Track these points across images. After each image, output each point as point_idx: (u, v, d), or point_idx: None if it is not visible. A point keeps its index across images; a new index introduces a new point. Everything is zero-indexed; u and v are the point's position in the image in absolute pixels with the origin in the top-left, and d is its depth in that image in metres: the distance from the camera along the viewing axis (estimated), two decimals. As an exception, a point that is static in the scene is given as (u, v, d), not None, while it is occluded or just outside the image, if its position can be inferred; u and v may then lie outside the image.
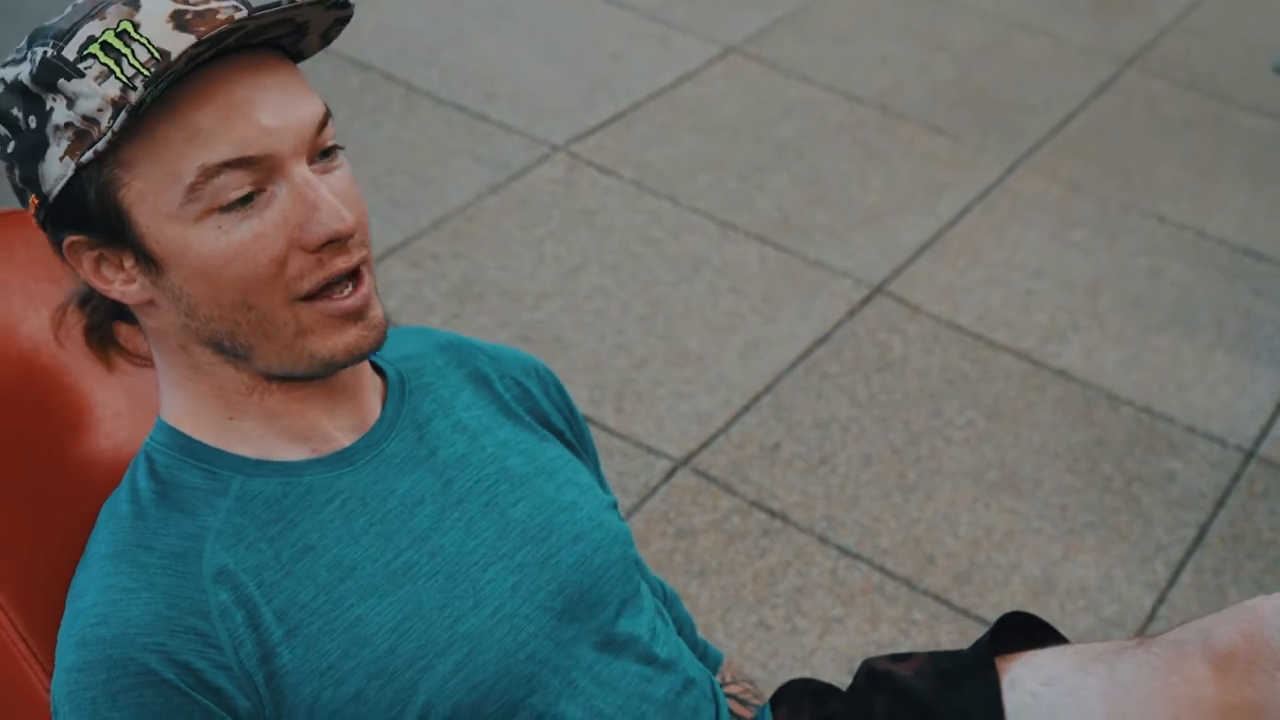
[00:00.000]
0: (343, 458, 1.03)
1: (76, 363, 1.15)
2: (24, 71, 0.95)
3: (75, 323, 1.04)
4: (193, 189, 0.92)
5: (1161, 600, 2.11)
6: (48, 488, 1.12)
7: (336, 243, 0.96)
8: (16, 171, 0.97)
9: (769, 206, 2.83)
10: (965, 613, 2.04)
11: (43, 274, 1.15)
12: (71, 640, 0.95)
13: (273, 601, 0.96)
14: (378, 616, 0.97)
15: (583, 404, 2.28)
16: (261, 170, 0.94)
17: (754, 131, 3.07)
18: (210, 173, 0.92)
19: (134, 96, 0.90)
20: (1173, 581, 2.15)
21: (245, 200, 0.94)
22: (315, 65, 3.23)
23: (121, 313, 1.03)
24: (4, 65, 0.97)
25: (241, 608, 0.95)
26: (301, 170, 0.95)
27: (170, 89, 0.92)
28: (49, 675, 1.04)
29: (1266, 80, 3.53)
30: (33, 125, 0.95)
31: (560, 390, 1.20)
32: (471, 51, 3.16)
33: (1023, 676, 1.13)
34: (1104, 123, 3.31)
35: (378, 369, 1.11)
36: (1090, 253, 2.86)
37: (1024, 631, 1.22)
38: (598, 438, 2.22)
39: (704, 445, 2.25)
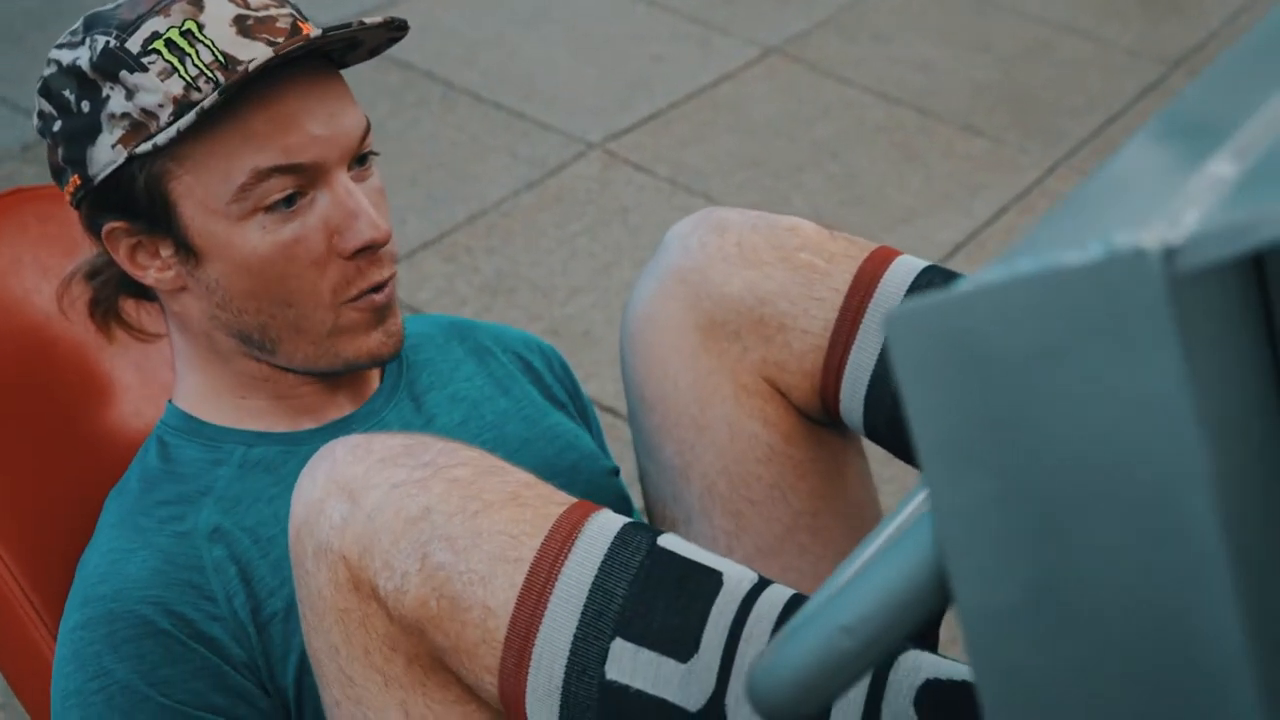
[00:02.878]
0: (342, 425, 1.07)
1: (89, 336, 1.19)
2: (82, 57, 0.97)
3: (80, 295, 1.07)
4: (243, 189, 0.96)
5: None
6: (56, 460, 1.15)
7: (370, 250, 1.00)
8: (60, 151, 1.00)
9: (803, 205, 2.84)
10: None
11: (57, 249, 1.19)
12: (76, 600, 0.98)
13: (269, 555, 0.99)
14: None
15: (609, 397, 2.30)
16: (306, 176, 0.97)
17: (791, 131, 3.08)
18: (261, 175, 0.96)
19: (200, 97, 0.94)
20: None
21: (288, 202, 0.97)
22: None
23: (130, 289, 1.06)
24: (58, 47, 1.00)
25: (235, 563, 0.98)
26: (343, 178, 0.99)
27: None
28: (54, 636, 1.07)
29: (1315, 84, 3.50)
30: (85, 110, 0.98)
31: (564, 367, 1.23)
32: (512, 51, 3.19)
33: None
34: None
35: None
36: (1128, 254, 2.84)
37: None
38: (623, 431, 2.24)
39: (729, 439, 2.26)
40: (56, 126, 0.99)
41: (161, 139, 0.94)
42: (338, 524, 0.84)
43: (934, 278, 1.05)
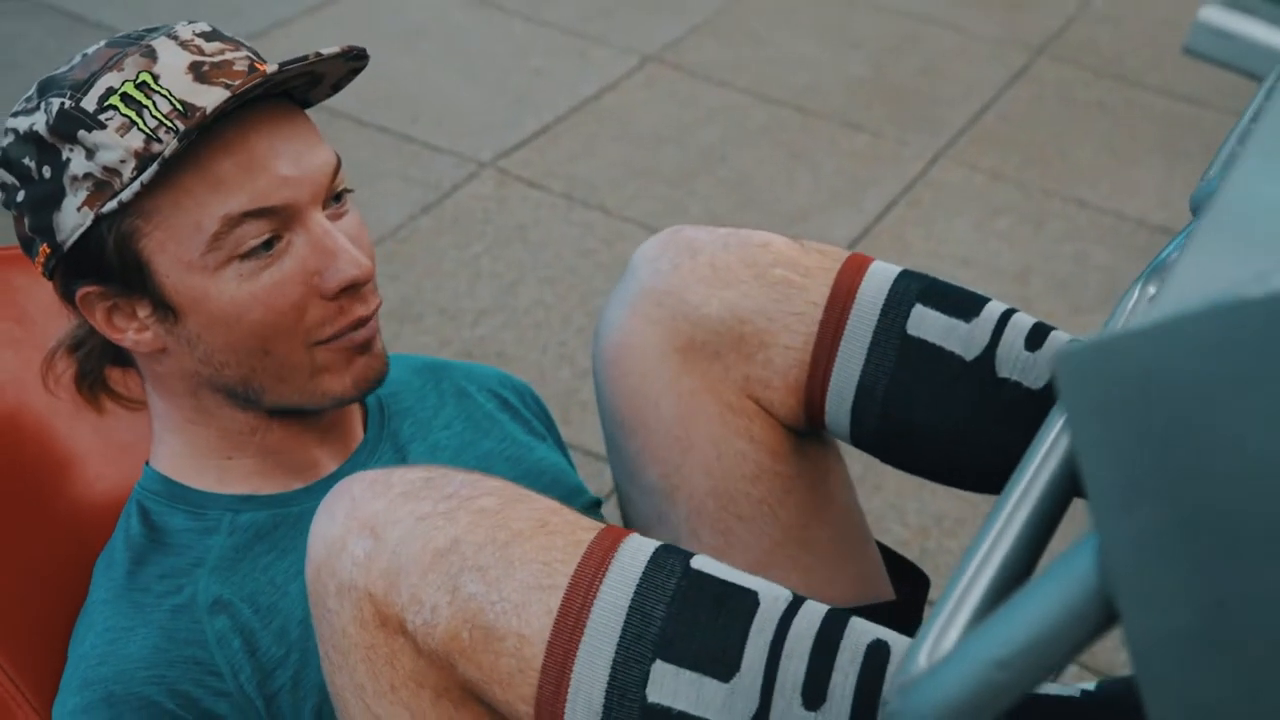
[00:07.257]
0: (328, 483, 1.04)
1: (49, 404, 1.14)
2: (38, 122, 0.94)
3: (65, 370, 1.03)
4: (215, 238, 0.93)
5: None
6: (36, 536, 1.11)
7: (354, 289, 0.97)
8: (26, 221, 0.97)
9: (700, 211, 2.85)
10: (923, 599, 2.06)
11: (14, 314, 1.14)
12: (74, 684, 0.94)
13: (270, 624, 0.96)
14: None
15: (531, 418, 2.29)
16: (280, 219, 0.95)
17: (678, 138, 3.09)
18: (232, 222, 0.93)
19: (162, 148, 0.91)
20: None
21: (265, 248, 0.94)
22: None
23: (114, 357, 1.03)
24: (14, 115, 0.97)
25: (238, 634, 0.95)
26: (318, 218, 0.96)
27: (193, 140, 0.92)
28: (38, 713, 1.03)
29: (1174, 62, 3.62)
30: (47, 175, 0.94)
31: (537, 400, 1.22)
32: (390, 74, 3.15)
33: None
34: (1019, 111, 3.37)
35: None
36: (1016, 241, 2.91)
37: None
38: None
39: (654, 451, 2.26)
40: (20, 196, 0.96)
41: (126, 195, 0.91)
42: (361, 560, 0.82)
43: (910, 283, 1.06)
